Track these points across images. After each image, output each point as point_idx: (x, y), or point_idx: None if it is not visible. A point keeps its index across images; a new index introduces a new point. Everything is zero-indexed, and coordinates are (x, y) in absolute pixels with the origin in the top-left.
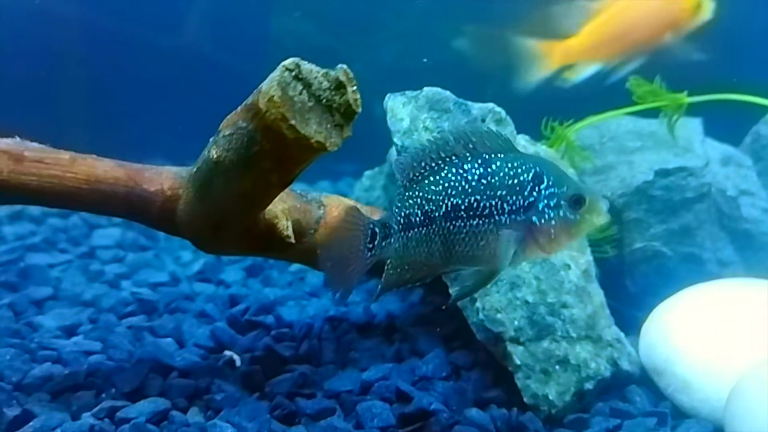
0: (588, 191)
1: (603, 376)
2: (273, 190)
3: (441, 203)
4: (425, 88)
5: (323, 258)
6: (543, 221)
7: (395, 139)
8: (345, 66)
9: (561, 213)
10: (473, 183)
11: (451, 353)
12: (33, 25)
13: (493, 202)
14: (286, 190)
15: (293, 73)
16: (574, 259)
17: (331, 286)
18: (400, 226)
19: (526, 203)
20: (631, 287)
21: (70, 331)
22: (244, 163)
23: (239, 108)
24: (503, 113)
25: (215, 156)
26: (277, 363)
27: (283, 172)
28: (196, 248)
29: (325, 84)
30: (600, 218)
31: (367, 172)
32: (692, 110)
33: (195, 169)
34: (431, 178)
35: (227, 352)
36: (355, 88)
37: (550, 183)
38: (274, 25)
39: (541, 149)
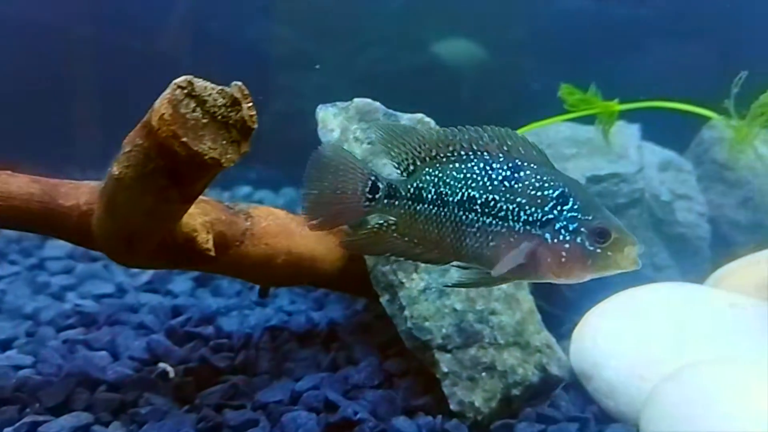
0: (618, 230)
1: (531, 382)
2: (176, 206)
3: (458, 190)
4: (355, 99)
5: (307, 185)
6: (555, 241)
7: None
8: (240, 83)
9: (578, 240)
10: (496, 182)
11: (386, 361)
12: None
13: (511, 207)
14: (211, 203)
15: (185, 91)
16: None
17: (309, 213)
18: (410, 195)
19: (544, 218)
20: (567, 292)
21: (5, 345)
22: (143, 179)
23: (138, 125)
24: (432, 123)
25: (117, 172)
26: (210, 374)
27: (183, 188)
28: None
29: (221, 101)
30: (626, 261)
31: None
32: (650, 116)
33: (103, 185)
34: (456, 165)
35: (161, 364)
36: (250, 104)
37: (575, 207)
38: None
39: None
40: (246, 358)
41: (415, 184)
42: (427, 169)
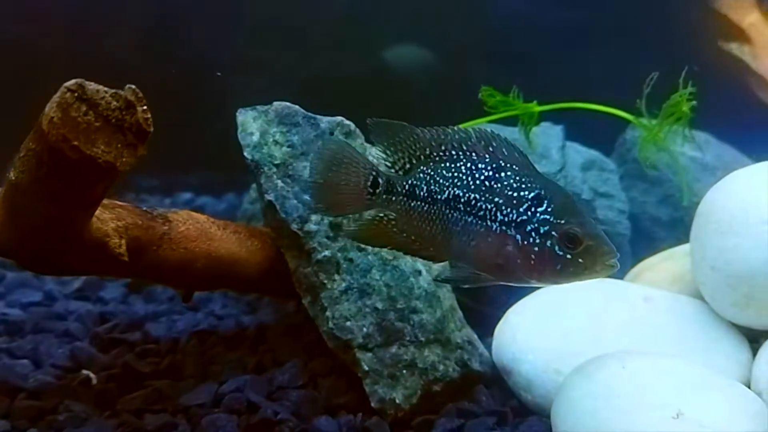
0: (592, 237)
1: (451, 378)
2: (76, 211)
3: (446, 188)
4: (275, 103)
5: (313, 179)
6: (526, 243)
7: (245, 153)
8: (133, 86)
9: (548, 243)
10: (478, 182)
11: (312, 361)
12: None
13: (489, 207)
14: (127, 207)
15: (76, 94)
16: (426, 265)
17: (318, 203)
18: (405, 191)
19: (518, 219)
20: (491, 290)
21: None
22: (38, 184)
23: (33, 129)
24: (352, 126)
25: (13, 177)
26: (134, 380)
27: (79, 192)
28: None
29: (114, 104)
30: (598, 269)
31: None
32: (582, 118)
33: (3, 191)
34: (447, 164)
35: (84, 372)
36: (145, 107)
37: (549, 210)
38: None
39: None
40: (171, 363)
41: (409, 182)
42: (421, 167)
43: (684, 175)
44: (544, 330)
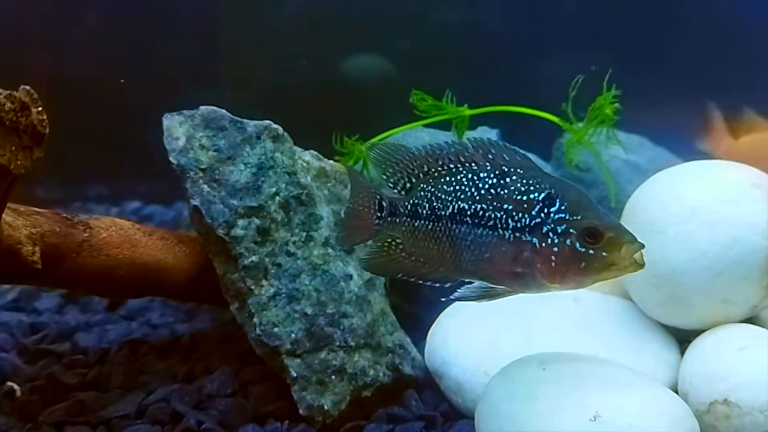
0: (613, 228)
1: (382, 383)
2: None
3: (449, 204)
4: (201, 107)
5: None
6: (544, 245)
7: (171, 158)
8: (28, 87)
9: (568, 242)
10: (483, 191)
11: (244, 369)
12: None
13: (499, 215)
14: (46, 214)
15: None
16: (358, 269)
17: (339, 233)
18: (407, 212)
19: (532, 223)
20: (428, 293)
21: None
22: None
23: None
24: (280, 130)
25: None
26: (59, 391)
27: None
28: None
29: (8, 105)
30: (625, 262)
31: None
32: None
33: None
34: (447, 178)
35: (8, 383)
36: (40, 108)
37: (563, 208)
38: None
39: (327, 164)
40: (99, 374)
41: (411, 201)
42: (421, 185)
43: (609, 177)
44: (474, 332)
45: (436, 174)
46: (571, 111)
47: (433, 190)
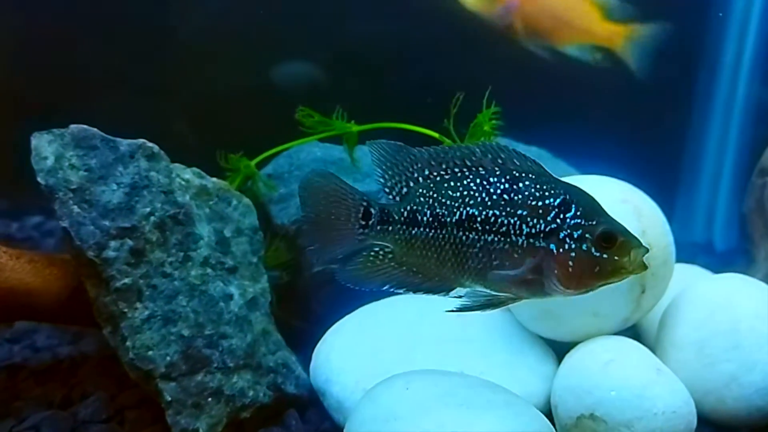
0: (624, 233)
1: (262, 403)
2: None
3: (456, 210)
4: (71, 126)
5: (304, 217)
6: (561, 251)
7: (39, 179)
8: None
9: (584, 247)
10: (494, 197)
11: (123, 393)
12: None
13: (512, 221)
14: None
15: None
16: (241, 288)
17: (307, 238)
18: (403, 219)
19: (547, 229)
20: (318, 309)
21: None
22: None
23: None
24: (155, 148)
25: None
26: None
27: None
28: None
29: None
30: (633, 265)
31: None
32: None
33: None
34: (451, 183)
35: None
36: None
37: (579, 213)
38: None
39: (210, 182)
40: None
41: (409, 207)
42: (420, 190)
43: None
44: (356, 349)
45: (438, 179)
46: (452, 128)
47: (435, 195)
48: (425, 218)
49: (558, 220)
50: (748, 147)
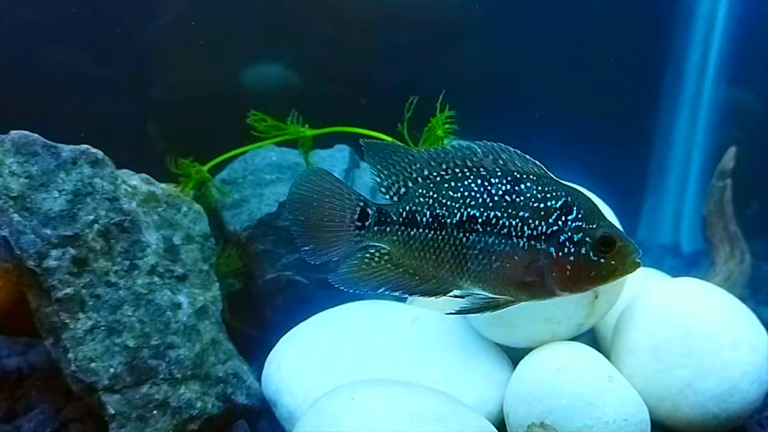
0: (621, 237)
1: (210, 414)
2: None
3: (456, 211)
4: (11, 132)
5: (291, 211)
6: (561, 254)
7: None
8: None
9: (583, 250)
10: (496, 198)
11: (69, 405)
12: None
13: (514, 222)
14: None
15: None
16: (191, 296)
17: (299, 239)
18: (402, 219)
19: (549, 231)
20: (272, 317)
21: None
22: None
23: None
24: (100, 154)
25: None
26: None
27: None
28: None
29: None
30: (629, 267)
31: None
32: None
33: None
34: (451, 183)
35: None
36: None
37: (579, 216)
38: None
39: (158, 188)
40: None
41: (407, 208)
42: (419, 190)
43: None
44: (308, 358)
45: (438, 179)
46: (406, 132)
47: (435, 196)
48: (425, 219)
49: (560, 223)
50: (715, 149)
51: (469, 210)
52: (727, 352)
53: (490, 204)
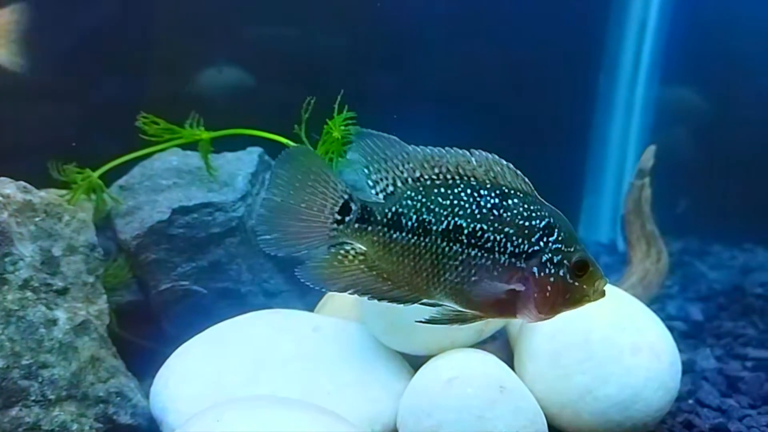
0: (592, 262)
1: None
2: None
3: (444, 219)
4: None
5: (267, 196)
6: (542, 274)
7: None
8: None
9: (561, 272)
10: (485, 211)
11: None
12: None
13: (498, 237)
14: None
15: None
16: (71, 311)
17: (263, 225)
18: (386, 220)
19: (530, 250)
20: (169, 329)
21: None
22: None
23: None
24: None
25: None
26: None
27: None
28: None
29: None
30: (596, 294)
31: None
32: None
33: None
34: (441, 190)
35: None
36: None
37: (560, 239)
38: None
39: (36, 196)
40: None
41: (394, 209)
42: (408, 192)
43: None
44: (199, 373)
45: (429, 183)
46: (305, 134)
47: (424, 200)
48: (410, 223)
49: (541, 243)
50: None
51: (456, 219)
52: (629, 357)
53: (478, 216)
